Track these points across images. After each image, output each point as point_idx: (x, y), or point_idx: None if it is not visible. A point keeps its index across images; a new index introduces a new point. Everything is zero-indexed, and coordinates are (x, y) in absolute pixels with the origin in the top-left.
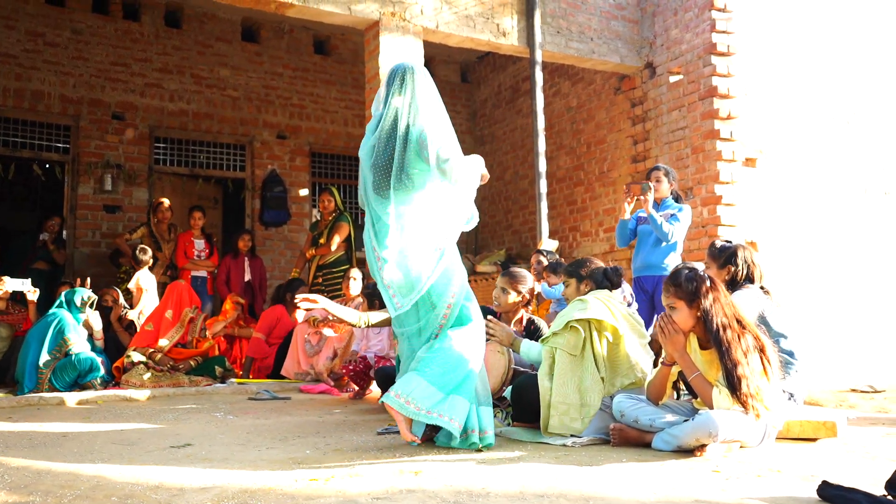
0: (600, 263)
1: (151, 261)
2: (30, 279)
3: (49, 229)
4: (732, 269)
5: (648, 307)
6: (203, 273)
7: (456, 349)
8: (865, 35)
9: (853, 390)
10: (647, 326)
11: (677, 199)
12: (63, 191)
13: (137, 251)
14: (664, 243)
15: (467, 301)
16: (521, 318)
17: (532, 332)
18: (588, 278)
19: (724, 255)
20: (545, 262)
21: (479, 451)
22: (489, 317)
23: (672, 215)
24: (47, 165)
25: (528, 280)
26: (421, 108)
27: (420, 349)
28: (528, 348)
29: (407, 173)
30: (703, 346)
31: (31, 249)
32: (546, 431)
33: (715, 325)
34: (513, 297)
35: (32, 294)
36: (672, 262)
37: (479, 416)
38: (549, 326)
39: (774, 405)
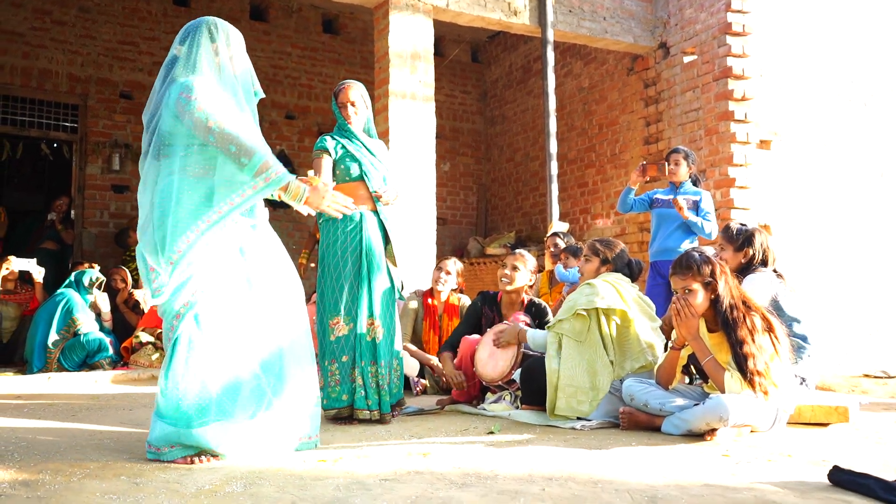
0: (626, 249)
1: None
2: (35, 259)
3: (57, 209)
4: (750, 252)
5: (665, 292)
6: None
7: None
8: (883, 16)
9: (866, 375)
10: (665, 311)
11: (695, 183)
12: (71, 170)
13: None
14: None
15: None
16: (523, 300)
17: (534, 313)
18: (611, 262)
19: (741, 239)
20: (562, 245)
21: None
22: (497, 327)
23: (700, 209)
24: (55, 145)
25: (534, 261)
26: None
27: None
28: (534, 337)
29: None
30: (710, 330)
31: (38, 229)
32: (553, 414)
33: (724, 307)
34: (525, 277)
35: (39, 274)
36: (689, 247)
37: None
38: (556, 311)
39: (783, 383)
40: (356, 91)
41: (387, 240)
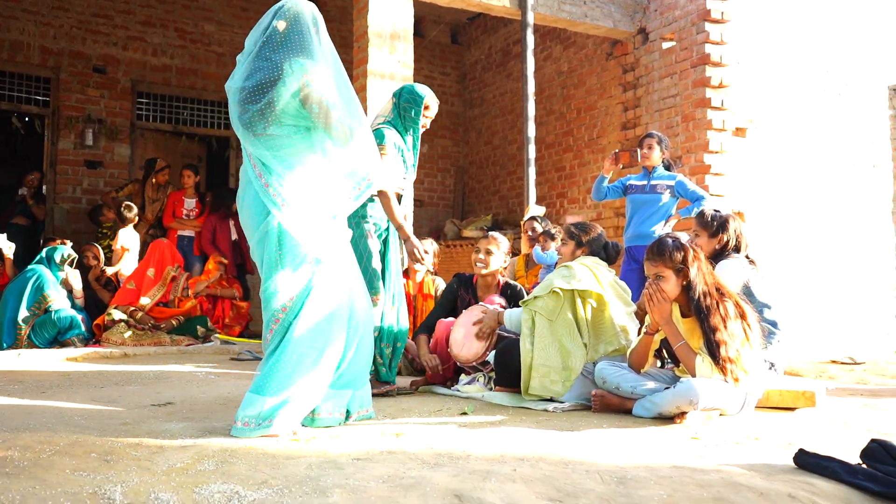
0: (603, 233)
1: (136, 219)
2: (5, 234)
3: (28, 184)
4: (724, 238)
5: (639, 277)
6: (190, 233)
7: None
8: (859, 7)
9: (833, 361)
10: (639, 296)
11: (668, 168)
12: (43, 145)
13: (122, 208)
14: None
15: None
16: (499, 283)
17: (509, 295)
18: (586, 245)
19: (716, 225)
20: (539, 229)
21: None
22: (476, 308)
23: (687, 192)
24: (26, 119)
25: (507, 243)
26: None
27: None
28: (510, 317)
29: None
30: (684, 315)
31: (9, 204)
32: (527, 393)
33: (697, 293)
34: (499, 260)
35: (9, 249)
36: (663, 232)
37: None
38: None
39: (753, 370)
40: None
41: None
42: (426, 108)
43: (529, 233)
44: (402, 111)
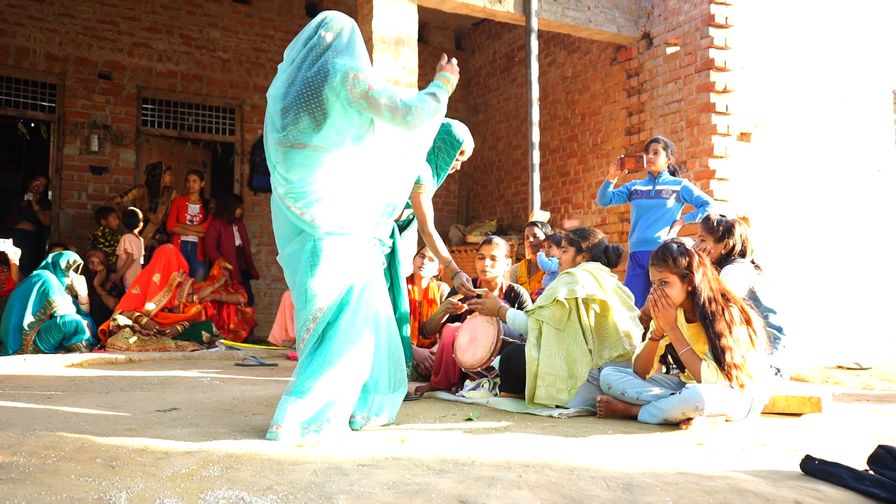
0: (604, 238)
1: (142, 224)
2: (11, 240)
3: (34, 190)
4: (730, 243)
5: (644, 282)
6: (194, 238)
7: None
8: (863, 11)
9: (839, 367)
10: (643, 301)
11: (673, 173)
12: (48, 151)
13: (128, 214)
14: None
15: None
16: (502, 286)
17: (513, 299)
18: (587, 251)
19: (722, 230)
20: (540, 235)
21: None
22: (478, 290)
23: (693, 198)
24: (32, 124)
25: (507, 245)
26: None
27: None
28: (514, 317)
29: None
30: (689, 320)
31: (15, 210)
32: (532, 402)
33: (702, 299)
34: (503, 263)
35: (15, 255)
36: (668, 237)
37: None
38: (535, 298)
39: (759, 376)
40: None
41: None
42: (462, 153)
43: (531, 238)
44: (435, 147)
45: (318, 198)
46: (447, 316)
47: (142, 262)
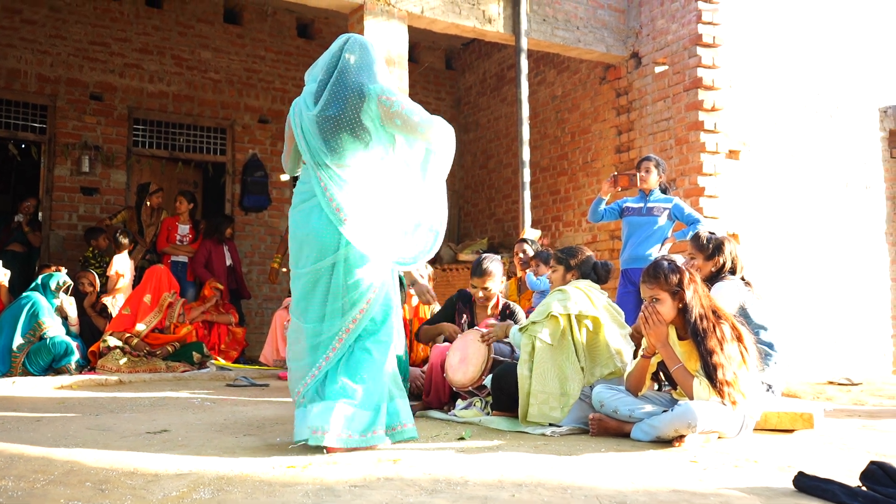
0: (591, 255)
1: (132, 245)
2: (1, 261)
3: (24, 211)
4: (720, 260)
5: (635, 299)
6: (184, 258)
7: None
8: (849, 29)
9: (831, 383)
10: (635, 319)
11: (665, 191)
12: (39, 172)
13: (118, 235)
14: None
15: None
16: (497, 303)
17: (508, 315)
18: (576, 269)
19: (712, 247)
20: (530, 252)
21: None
22: (472, 332)
23: (683, 216)
24: (23, 145)
25: (501, 265)
26: None
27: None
28: (514, 333)
29: None
30: (680, 337)
31: (5, 231)
32: (525, 420)
33: (693, 316)
34: (497, 284)
35: (4, 276)
36: (659, 255)
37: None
38: (527, 316)
39: (751, 393)
40: None
41: None
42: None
43: (520, 255)
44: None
45: (358, 212)
46: (441, 317)
47: (132, 282)
